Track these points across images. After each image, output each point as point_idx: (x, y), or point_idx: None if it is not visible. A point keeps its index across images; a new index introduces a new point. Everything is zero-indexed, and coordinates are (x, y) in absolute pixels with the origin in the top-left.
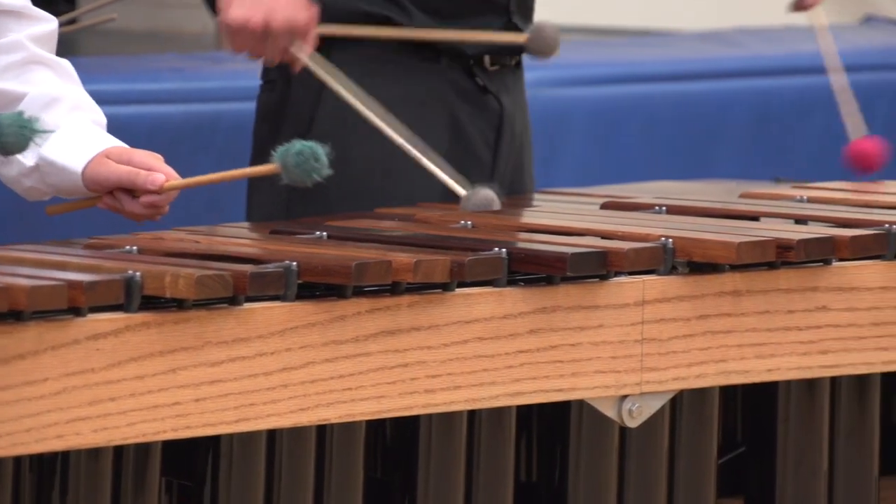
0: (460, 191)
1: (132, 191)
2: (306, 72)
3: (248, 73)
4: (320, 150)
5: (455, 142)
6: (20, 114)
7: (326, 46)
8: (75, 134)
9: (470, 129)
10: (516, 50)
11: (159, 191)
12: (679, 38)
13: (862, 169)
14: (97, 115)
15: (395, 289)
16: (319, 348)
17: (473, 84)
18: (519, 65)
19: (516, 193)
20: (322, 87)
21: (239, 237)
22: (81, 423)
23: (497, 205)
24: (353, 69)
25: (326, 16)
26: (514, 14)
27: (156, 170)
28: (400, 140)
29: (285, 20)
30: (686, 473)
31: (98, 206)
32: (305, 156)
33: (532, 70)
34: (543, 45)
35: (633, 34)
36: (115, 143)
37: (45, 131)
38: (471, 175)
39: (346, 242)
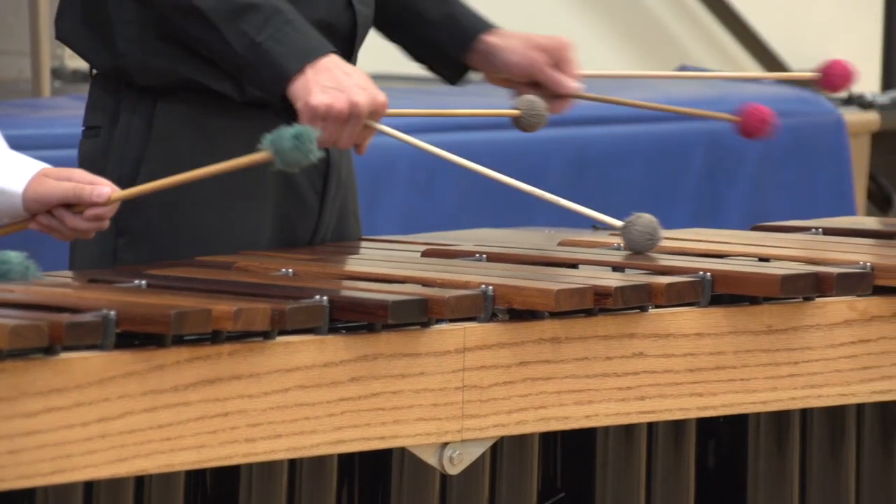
0: (616, 222)
1: (73, 206)
2: (130, 119)
3: (65, 121)
4: (313, 132)
5: (283, 189)
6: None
7: (151, 98)
8: (2, 157)
9: (298, 177)
10: None
11: (106, 203)
12: (491, 88)
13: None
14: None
15: (215, 337)
16: (138, 398)
17: None
18: None
19: (340, 240)
20: (149, 133)
21: (56, 286)
22: None
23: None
24: (180, 119)
25: (152, 78)
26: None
27: (98, 183)
28: (528, 188)
29: (369, 102)
30: None
31: (30, 227)
32: (301, 139)
33: None
34: (535, 120)
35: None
36: (43, 164)
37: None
38: (298, 222)
39: (165, 291)
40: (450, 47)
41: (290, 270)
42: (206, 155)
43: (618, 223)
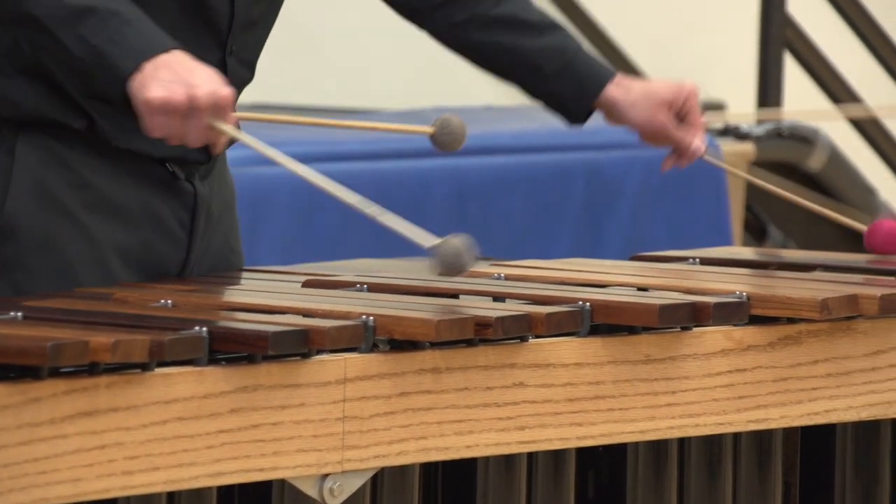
0: (429, 241)
1: None
2: None
3: None
4: None
5: (150, 225)
6: None
7: (12, 130)
8: None
9: (164, 213)
10: (203, 157)
11: None
12: (379, 117)
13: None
14: None
15: (92, 369)
16: (13, 431)
17: (165, 171)
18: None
19: (221, 272)
20: (12, 165)
21: None
22: None
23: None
24: (43, 152)
25: (9, 111)
26: None
27: None
28: (351, 199)
29: (209, 94)
30: None
31: None
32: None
33: (233, 149)
34: (451, 139)
35: (335, 113)
36: None
37: None
38: (166, 255)
39: (41, 322)
40: (570, 100)
41: (170, 301)
42: (71, 189)
43: (429, 243)
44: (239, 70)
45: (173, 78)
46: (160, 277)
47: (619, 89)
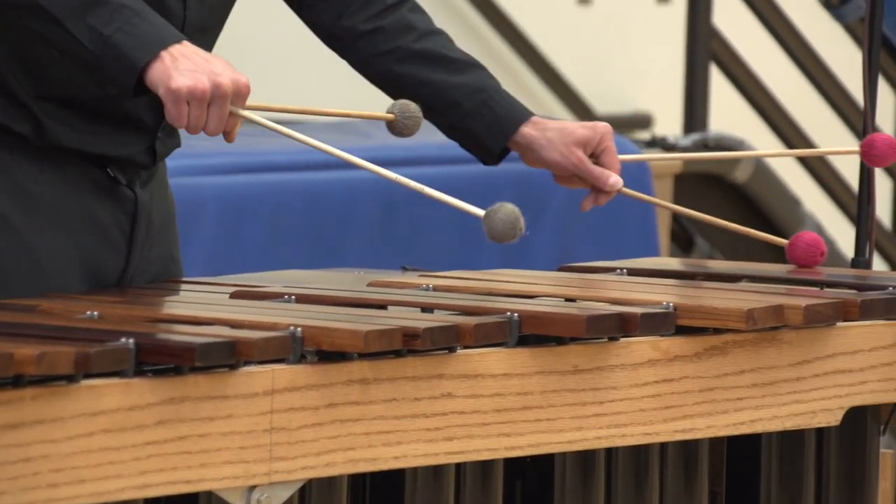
0: (479, 212)
1: None
2: None
3: None
4: None
5: (89, 231)
6: None
7: None
8: None
9: (105, 219)
10: (149, 161)
11: None
12: (307, 127)
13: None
14: None
15: (17, 381)
16: None
17: (106, 176)
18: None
19: (162, 281)
20: None
21: None
22: None
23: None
24: None
25: None
26: (160, 137)
27: None
28: (385, 172)
29: (232, 82)
30: None
31: None
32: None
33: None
34: (410, 125)
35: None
36: None
37: None
38: (105, 260)
39: None
40: (486, 138)
41: (96, 313)
42: (9, 194)
43: (480, 212)
44: (164, 150)
45: (194, 67)
46: (98, 285)
47: (535, 129)
